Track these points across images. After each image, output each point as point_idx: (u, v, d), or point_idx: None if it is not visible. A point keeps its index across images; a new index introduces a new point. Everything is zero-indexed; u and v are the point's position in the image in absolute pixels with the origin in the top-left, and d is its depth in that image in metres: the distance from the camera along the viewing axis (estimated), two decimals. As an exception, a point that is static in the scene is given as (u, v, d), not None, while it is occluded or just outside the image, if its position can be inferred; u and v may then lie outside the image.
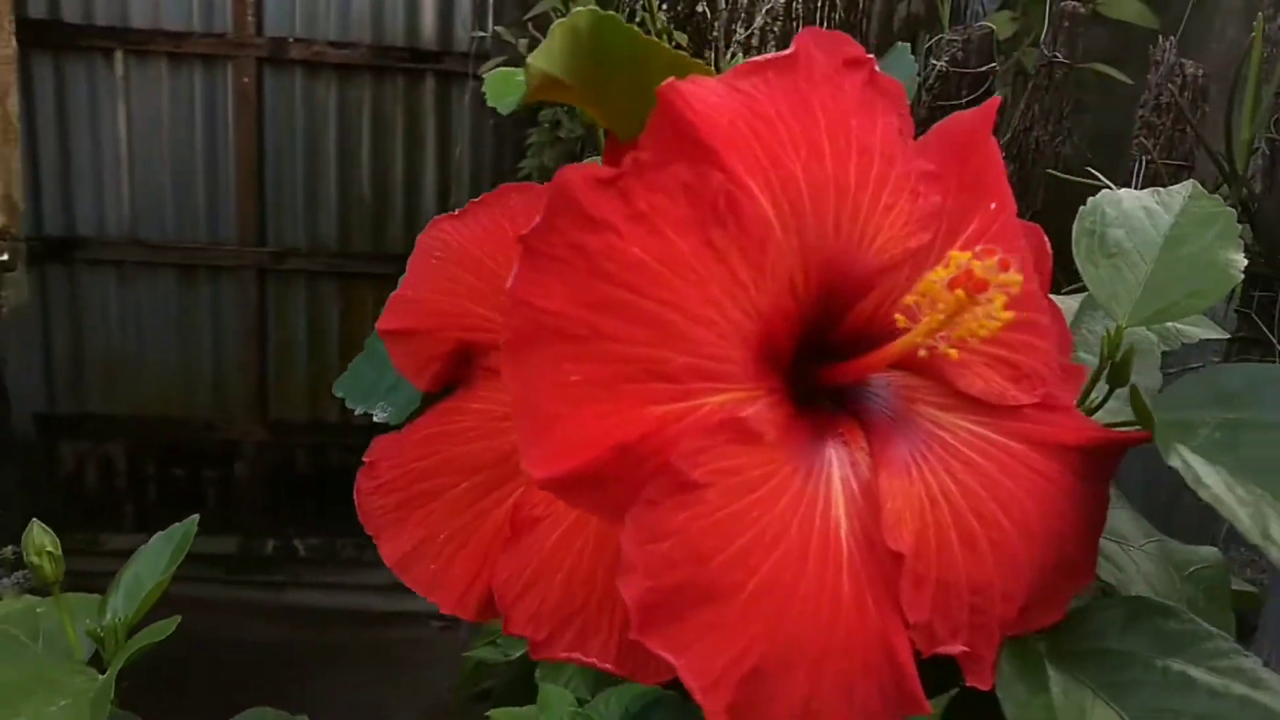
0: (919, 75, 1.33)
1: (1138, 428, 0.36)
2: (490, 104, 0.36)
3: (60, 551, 0.49)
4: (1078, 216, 0.41)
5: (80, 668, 0.45)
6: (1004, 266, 0.29)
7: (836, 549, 0.31)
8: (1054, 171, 1.03)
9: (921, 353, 0.31)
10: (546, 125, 2.27)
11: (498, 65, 1.95)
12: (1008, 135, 1.15)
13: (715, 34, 1.41)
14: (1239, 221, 0.95)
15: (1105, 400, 0.40)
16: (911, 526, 0.32)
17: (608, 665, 0.34)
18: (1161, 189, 0.43)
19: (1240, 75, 0.84)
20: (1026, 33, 1.38)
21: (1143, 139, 1.02)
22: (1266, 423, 0.35)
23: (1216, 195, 0.93)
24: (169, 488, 3.09)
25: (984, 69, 1.23)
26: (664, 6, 1.41)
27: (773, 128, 0.32)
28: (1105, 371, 0.39)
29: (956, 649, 0.32)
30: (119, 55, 2.81)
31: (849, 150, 0.33)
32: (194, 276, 2.98)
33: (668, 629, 0.29)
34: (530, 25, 1.93)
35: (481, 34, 2.21)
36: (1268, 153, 0.91)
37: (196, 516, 0.52)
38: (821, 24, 1.41)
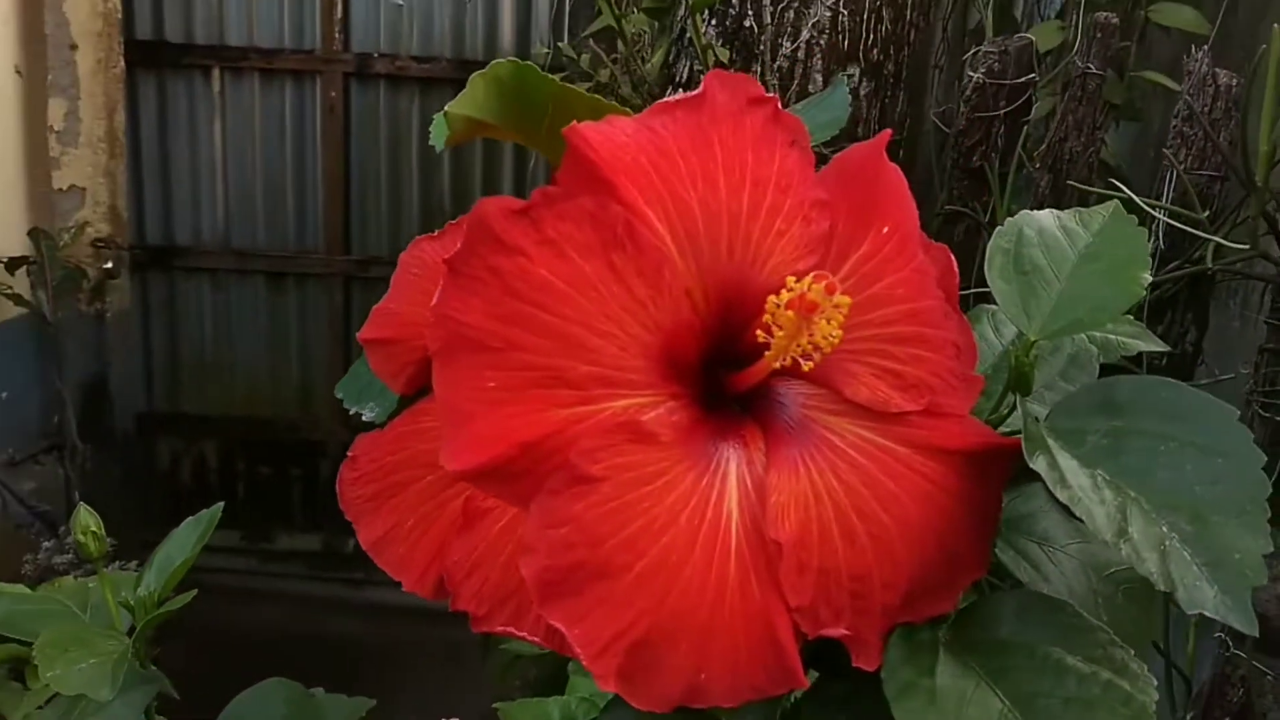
0: (960, 87, 1.34)
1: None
2: (431, 143, 0.41)
3: (103, 531, 0.56)
4: (994, 235, 0.44)
5: (114, 634, 0.51)
6: (830, 291, 0.33)
7: (726, 537, 0.35)
8: (1074, 184, 1.04)
9: (776, 365, 0.35)
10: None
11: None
12: (1043, 146, 1.16)
13: (761, 48, 1.45)
14: (1263, 234, 0.95)
15: (1014, 409, 0.43)
16: (795, 519, 0.35)
17: (537, 639, 0.38)
18: (1084, 210, 0.46)
19: (1255, 82, 0.84)
20: (1070, 47, 1.38)
21: (1172, 151, 1.03)
22: (1148, 431, 0.38)
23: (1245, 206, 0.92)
24: (257, 485, 3.23)
25: (1023, 80, 1.24)
26: (711, 22, 1.44)
27: (673, 163, 0.36)
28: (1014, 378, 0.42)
29: (839, 632, 0.36)
30: (216, 73, 2.97)
31: (743, 182, 0.37)
32: (283, 283, 3.11)
33: (564, 603, 0.33)
34: (591, 40, 1.99)
35: (546, 50, 2.28)
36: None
37: (221, 505, 0.58)
38: (867, 36, 1.43)
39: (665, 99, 0.38)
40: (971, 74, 1.19)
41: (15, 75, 2.67)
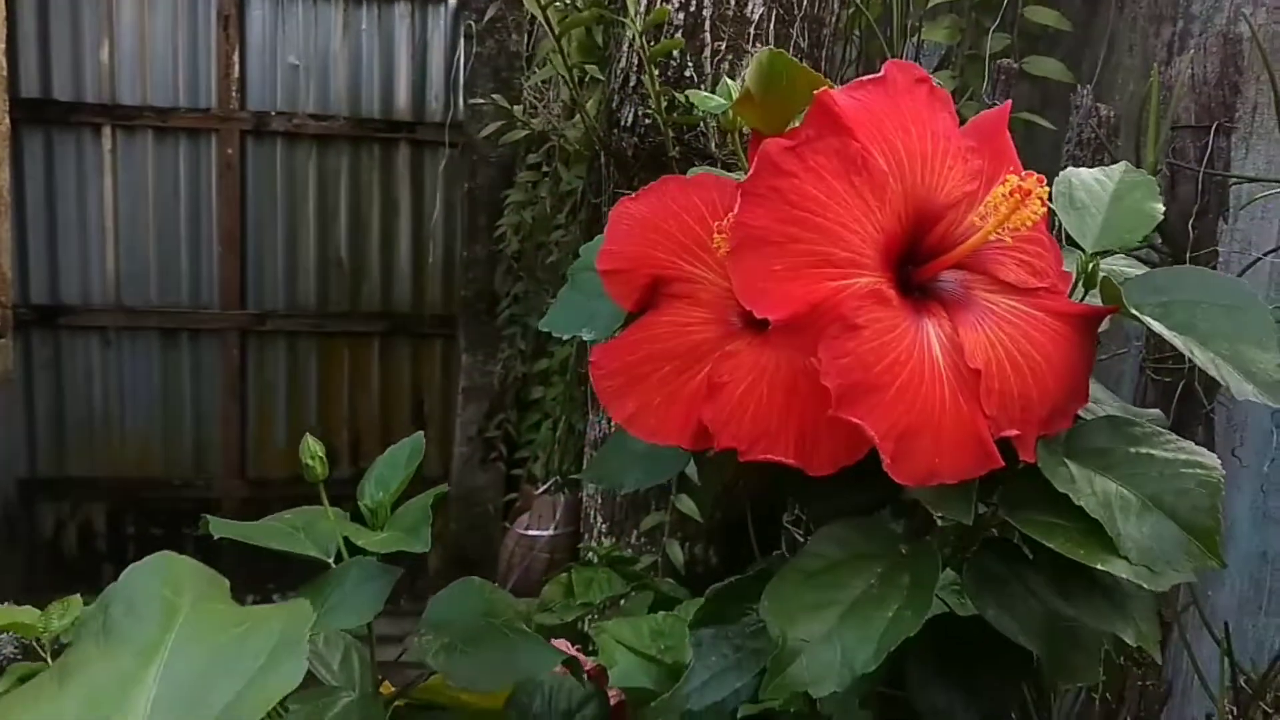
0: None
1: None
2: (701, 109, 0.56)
3: (325, 455, 0.66)
4: (1054, 183, 0.62)
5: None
6: (1041, 182, 0.50)
7: (937, 370, 0.51)
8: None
9: (974, 238, 0.52)
10: (527, 184, 2.49)
11: (497, 128, 2.16)
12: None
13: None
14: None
15: (1084, 298, 0.60)
16: (980, 359, 0.52)
17: (790, 460, 0.53)
18: (1105, 168, 0.65)
19: (1144, 112, 1.08)
20: (964, 90, 1.63)
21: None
22: (1188, 301, 0.56)
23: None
24: (149, 547, 3.12)
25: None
26: (655, 71, 1.62)
27: (879, 119, 0.53)
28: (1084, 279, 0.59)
29: (1013, 433, 0.52)
30: (107, 130, 2.96)
31: (925, 133, 0.53)
32: (176, 339, 3.10)
33: (854, 407, 0.48)
34: (526, 91, 2.15)
35: (480, 101, 2.42)
36: (1167, 173, 1.15)
37: (421, 434, 0.69)
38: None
39: (858, 78, 0.54)
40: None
41: (-107, 132, 2.61)
